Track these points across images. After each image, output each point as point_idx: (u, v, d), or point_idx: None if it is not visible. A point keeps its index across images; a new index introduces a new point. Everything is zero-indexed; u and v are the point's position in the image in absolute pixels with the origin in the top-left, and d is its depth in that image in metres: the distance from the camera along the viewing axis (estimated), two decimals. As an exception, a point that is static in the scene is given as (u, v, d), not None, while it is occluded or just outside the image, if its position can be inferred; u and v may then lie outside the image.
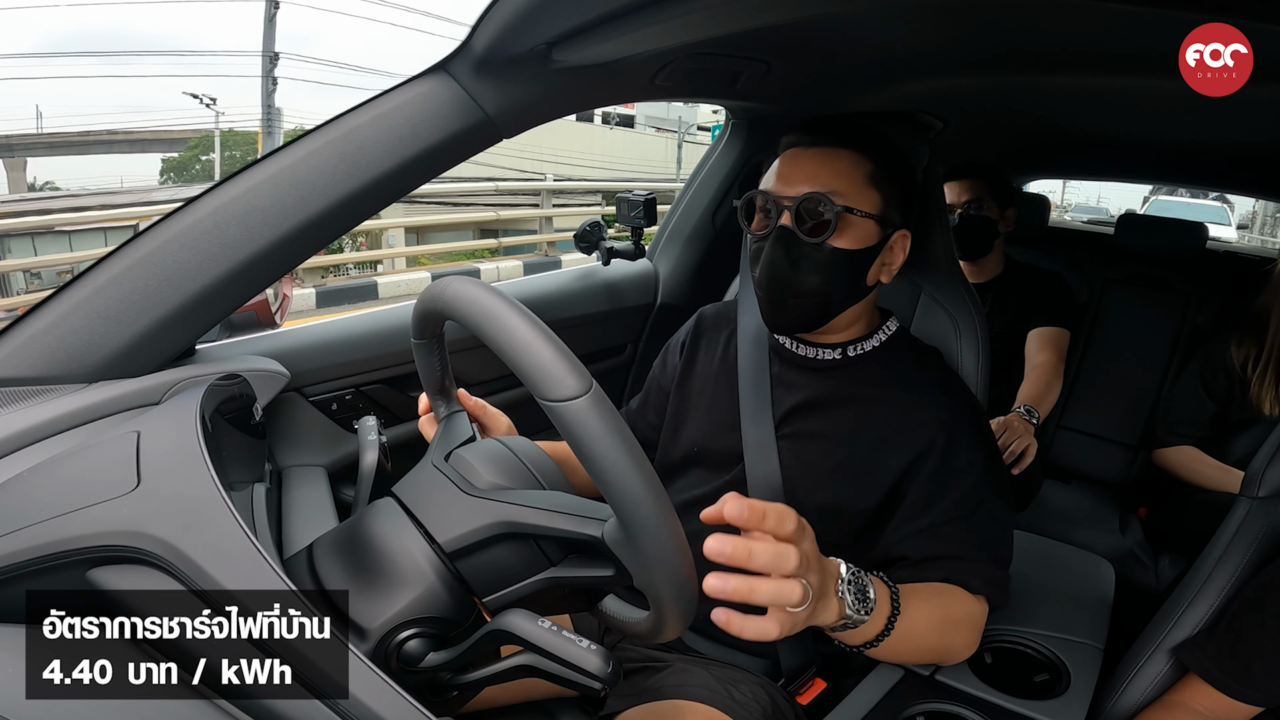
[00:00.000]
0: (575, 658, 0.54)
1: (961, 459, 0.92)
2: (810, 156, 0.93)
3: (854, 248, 0.92)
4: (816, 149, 0.93)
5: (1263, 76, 0.62)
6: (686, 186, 1.75)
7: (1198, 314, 2.08)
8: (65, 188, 16.18)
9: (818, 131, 0.95)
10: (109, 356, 0.80)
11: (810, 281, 0.91)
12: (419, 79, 0.91)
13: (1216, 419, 1.74)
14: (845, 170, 0.92)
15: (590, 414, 0.52)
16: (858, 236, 0.92)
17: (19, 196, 13.38)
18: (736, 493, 0.59)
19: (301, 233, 0.86)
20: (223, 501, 0.57)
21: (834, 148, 0.93)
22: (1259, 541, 0.96)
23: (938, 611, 0.83)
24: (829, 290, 0.93)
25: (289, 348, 1.09)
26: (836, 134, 0.94)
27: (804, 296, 0.92)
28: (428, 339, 0.71)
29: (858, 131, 0.95)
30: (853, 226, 0.91)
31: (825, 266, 0.91)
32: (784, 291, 0.92)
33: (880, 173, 0.93)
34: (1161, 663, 0.97)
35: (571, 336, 0.59)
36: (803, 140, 0.95)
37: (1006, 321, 1.90)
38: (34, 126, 18.81)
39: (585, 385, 0.52)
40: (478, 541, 0.62)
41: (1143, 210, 9.43)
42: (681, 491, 1.04)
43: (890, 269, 0.97)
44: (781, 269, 0.91)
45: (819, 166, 0.92)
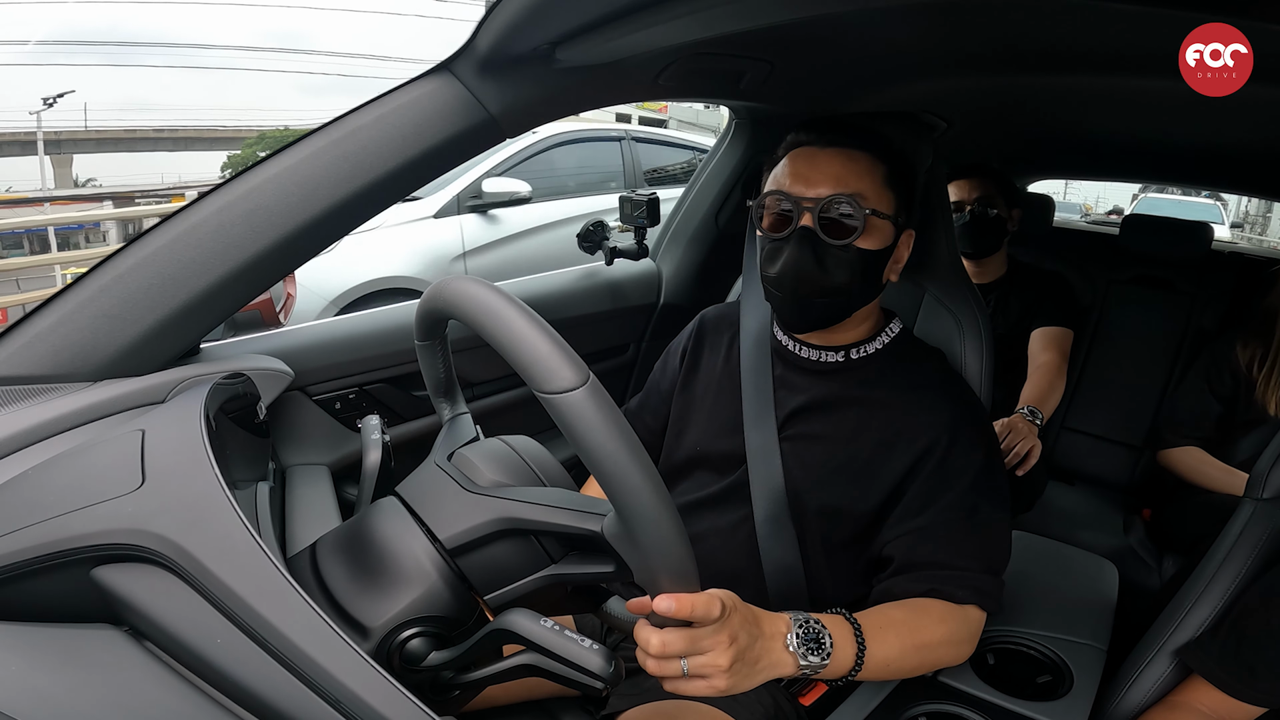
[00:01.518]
0: (577, 657, 0.54)
1: (961, 460, 0.92)
2: (829, 157, 0.93)
3: (875, 249, 0.92)
4: (834, 150, 0.93)
5: (1263, 76, 0.62)
6: (689, 187, 1.75)
7: (1202, 315, 2.08)
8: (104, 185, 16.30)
9: (831, 131, 0.94)
10: (113, 355, 0.80)
11: (835, 281, 0.92)
12: (422, 79, 0.92)
13: (1221, 420, 1.74)
14: (866, 172, 0.92)
15: (587, 405, 0.52)
16: (878, 238, 0.93)
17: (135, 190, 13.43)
18: (665, 595, 0.60)
19: (305, 232, 0.86)
20: (227, 500, 0.57)
21: (851, 149, 0.93)
22: (1263, 543, 0.96)
23: (909, 639, 0.82)
24: (852, 290, 0.93)
25: (293, 347, 1.10)
26: (851, 135, 0.94)
27: (828, 296, 0.93)
28: (431, 341, 0.71)
29: (871, 133, 0.95)
30: (874, 228, 0.92)
31: (849, 267, 0.91)
32: (809, 291, 0.92)
33: (892, 174, 0.94)
34: (1165, 664, 0.96)
35: (574, 336, 0.59)
36: (815, 140, 0.95)
37: (1010, 322, 1.90)
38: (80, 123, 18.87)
39: (582, 377, 0.52)
40: (478, 538, 0.62)
41: (1131, 208, 9.23)
42: (685, 494, 1.04)
43: (897, 268, 0.98)
44: (808, 269, 0.91)
45: (841, 168, 0.92)
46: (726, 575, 0.95)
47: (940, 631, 0.85)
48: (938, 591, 0.87)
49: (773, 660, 0.71)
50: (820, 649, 0.74)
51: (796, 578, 0.96)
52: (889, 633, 0.81)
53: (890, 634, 0.81)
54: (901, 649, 0.81)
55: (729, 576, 0.92)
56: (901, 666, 0.83)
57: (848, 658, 0.76)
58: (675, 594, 0.60)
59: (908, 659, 0.83)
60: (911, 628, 0.83)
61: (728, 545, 0.99)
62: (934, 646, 0.85)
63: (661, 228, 1.77)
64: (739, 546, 0.98)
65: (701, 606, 0.62)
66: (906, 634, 0.82)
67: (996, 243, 1.90)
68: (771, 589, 0.97)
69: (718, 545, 0.99)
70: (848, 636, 0.77)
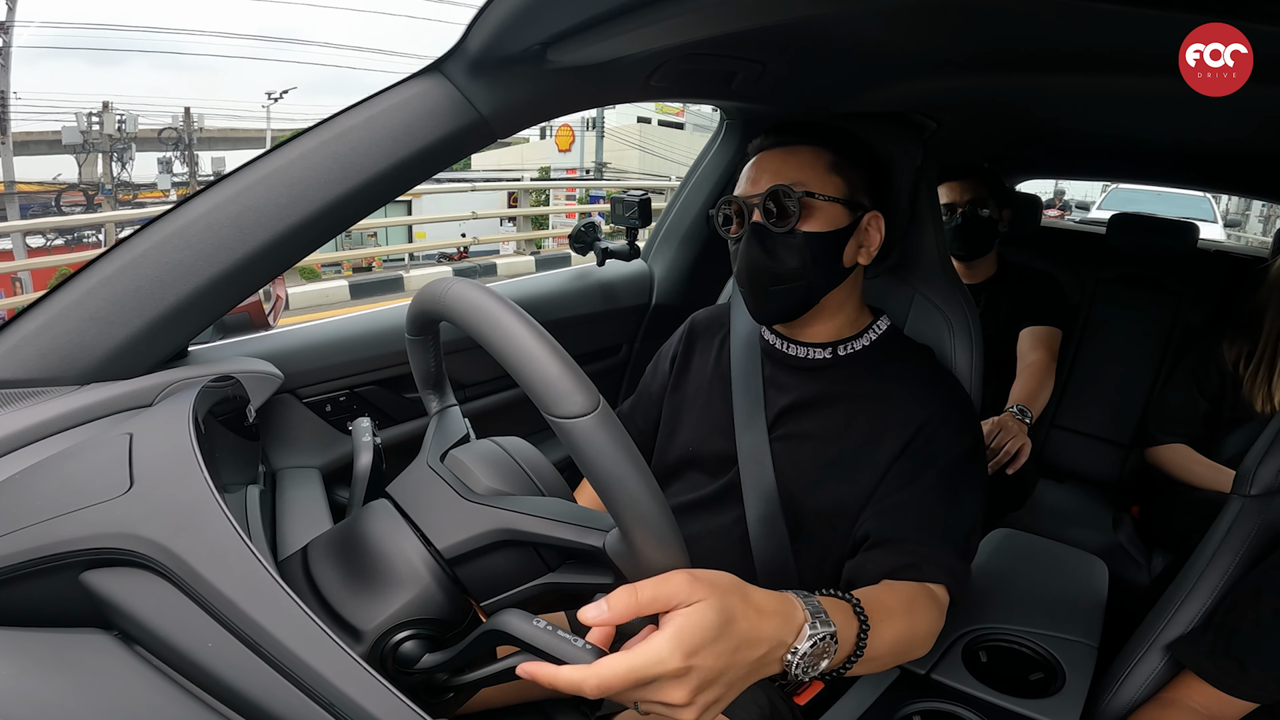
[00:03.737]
0: (570, 656, 0.53)
1: (945, 444, 0.93)
2: (773, 156, 0.98)
3: (824, 230, 0.95)
4: (778, 149, 0.98)
5: (1263, 76, 0.62)
6: (681, 187, 1.75)
7: (1189, 313, 2.10)
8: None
9: (780, 133, 0.99)
10: (101, 358, 0.80)
11: (786, 266, 0.94)
12: (413, 79, 0.91)
13: (1208, 417, 1.75)
14: (806, 163, 0.96)
15: (598, 432, 0.52)
16: (826, 220, 0.95)
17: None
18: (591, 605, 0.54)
19: (295, 234, 0.86)
20: (216, 504, 0.57)
21: (794, 145, 0.97)
22: (1251, 539, 0.97)
23: (906, 632, 0.77)
24: (806, 273, 0.95)
25: (282, 349, 1.09)
26: (796, 132, 0.98)
27: (783, 282, 0.95)
28: (424, 337, 0.71)
29: (816, 127, 0.99)
30: (819, 211, 0.94)
31: (798, 251, 0.94)
32: (763, 280, 0.95)
33: (840, 160, 0.97)
34: (1156, 660, 0.97)
35: (566, 337, 0.59)
36: (766, 144, 0.99)
37: (999, 322, 1.91)
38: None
39: (593, 402, 0.52)
40: (477, 548, 0.62)
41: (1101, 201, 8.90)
42: (677, 495, 1.05)
43: (869, 250, 1.00)
44: (758, 260, 0.94)
45: (780, 163, 0.96)
46: None
47: (926, 626, 0.83)
48: (913, 567, 0.84)
49: (763, 673, 0.62)
50: (816, 668, 0.66)
51: (789, 578, 0.96)
52: (885, 625, 0.75)
53: (887, 624, 0.75)
54: (893, 646, 0.79)
55: None
56: (883, 665, 0.80)
57: (839, 660, 0.73)
58: (605, 597, 0.54)
59: (890, 659, 0.80)
60: (909, 622, 0.79)
61: (721, 546, 0.99)
62: (920, 641, 0.82)
63: (653, 228, 1.77)
64: (732, 547, 0.99)
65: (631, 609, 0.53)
66: (904, 628, 0.78)
67: (988, 244, 1.91)
68: (765, 588, 0.96)
69: (711, 546, 1.00)
70: (849, 636, 0.70)
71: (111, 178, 17.30)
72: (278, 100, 20.67)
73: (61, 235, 7.73)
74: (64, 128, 17.66)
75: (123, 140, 17.69)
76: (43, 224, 9.04)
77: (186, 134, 18.66)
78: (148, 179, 18.20)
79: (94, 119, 17.70)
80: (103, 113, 17.75)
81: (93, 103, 19.38)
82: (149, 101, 35.67)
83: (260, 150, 0.91)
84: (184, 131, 18.66)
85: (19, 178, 14.79)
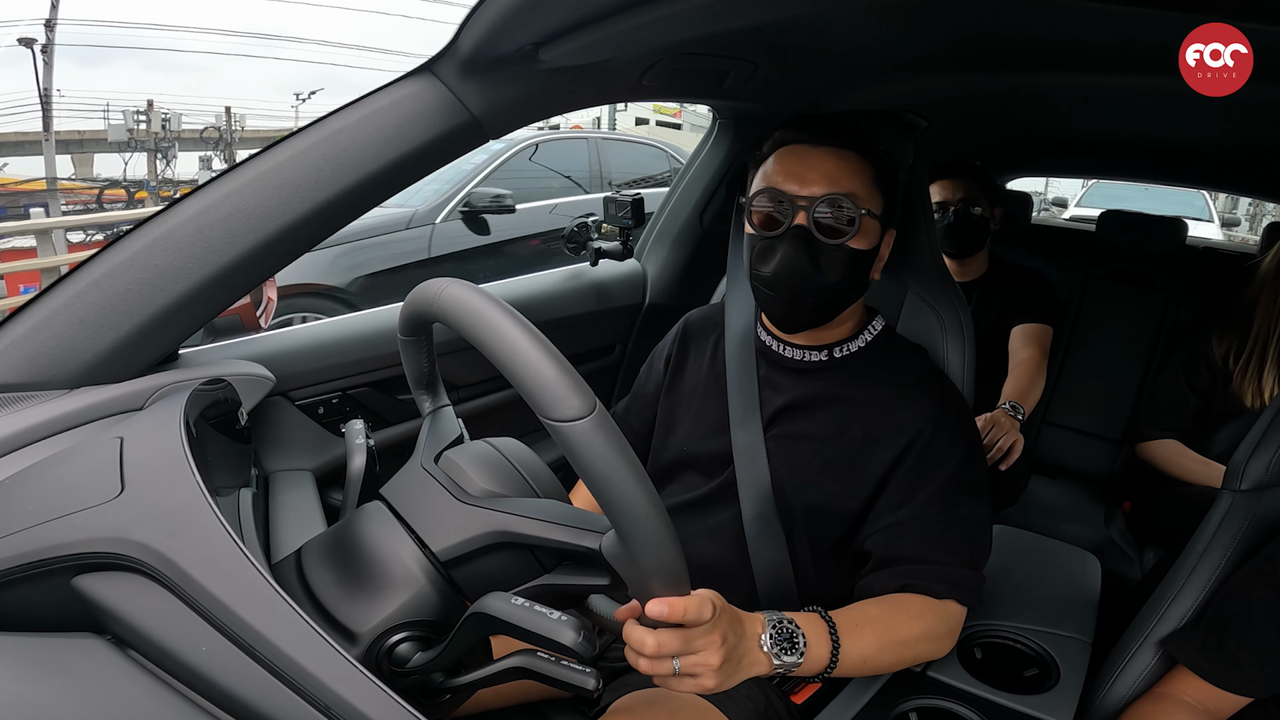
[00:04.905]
0: (547, 630, 0.54)
1: (942, 454, 0.93)
2: (822, 156, 0.92)
3: (865, 248, 0.93)
4: (826, 149, 0.93)
5: (1263, 76, 0.62)
6: (674, 187, 1.75)
7: (1179, 309, 2.11)
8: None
9: (822, 130, 0.94)
10: (91, 362, 0.79)
11: (829, 280, 0.92)
12: (404, 80, 0.91)
13: (1198, 412, 1.76)
14: (858, 172, 0.92)
15: (595, 435, 0.52)
16: (868, 237, 0.93)
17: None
18: (657, 599, 0.61)
19: (285, 236, 0.85)
20: (208, 507, 0.56)
21: (842, 149, 0.93)
22: (1242, 533, 0.97)
23: (885, 635, 0.83)
24: (845, 289, 0.94)
25: (274, 351, 1.08)
26: (842, 135, 0.94)
27: (822, 295, 0.93)
28: (417, 337, 0.70)
29: (860, 133, 0.95)
30: (866, 229, 0.92)
31: (842, 265, 0.92)
32: (803, 289, 0.92)
33: (880, 175, 0.94)
34: (1149, 655, 0.97)
35: (560, 337, 0.59)
36: (807, 138, 0.94)
37: (991, 319, 1.92)
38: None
39: (589, 406, 0.52)
40: (473, 550, 0.62)
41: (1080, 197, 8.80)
42: (673, 495, 1.05)
43: (880, 266, 0.99)
44: (802, 267, 0.91)
45: (834, 167, 0.91)
46: (716, 575, 0.95)
47: (918, 627, 0.86)
48: (915, 586, 0.88)
49: (752, 660, 0.73)
50: (794, 648, 0.75)
51: (785, 576, 0.96)
52: (865, 629, 0.82)
53: (866, 630, 0.82)
54: (878, 645, 0.83)
55: (719, 576, 0.92)
56: (880, 662, 0.84)
57: (822, 655, 0.78)
58: (667, 598, 0.61)
59: (885, 655, 0.84)
60: (888, 624, 0.85)
61: (716, 545, 0.99)
62: (912, 642, 0.86)
63: (646, 228, 1.77)
64: (728, 546, 0.99)
65: (694, 609, 0.63)
66: (883, 630, 0.84)
67: (980, 242, 1.92)
68: (761, 588, 0.97)
69: (707, 546, 0.99)
70: (822, 635, 0.79)
71: (156, 175, 17.44)
72: (305, 100, 21.08)
73: (101, 231, 7.75)
74: (110, 125, 17.81)
75: (167, 138, 17.89)
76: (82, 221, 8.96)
77: (227, 133, 18.89)
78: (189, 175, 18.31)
79: (139, 117, 17.93)
80: (148, 111, 17.98)
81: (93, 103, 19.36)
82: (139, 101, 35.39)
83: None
84: (225, 131, 18.90)
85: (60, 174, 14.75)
